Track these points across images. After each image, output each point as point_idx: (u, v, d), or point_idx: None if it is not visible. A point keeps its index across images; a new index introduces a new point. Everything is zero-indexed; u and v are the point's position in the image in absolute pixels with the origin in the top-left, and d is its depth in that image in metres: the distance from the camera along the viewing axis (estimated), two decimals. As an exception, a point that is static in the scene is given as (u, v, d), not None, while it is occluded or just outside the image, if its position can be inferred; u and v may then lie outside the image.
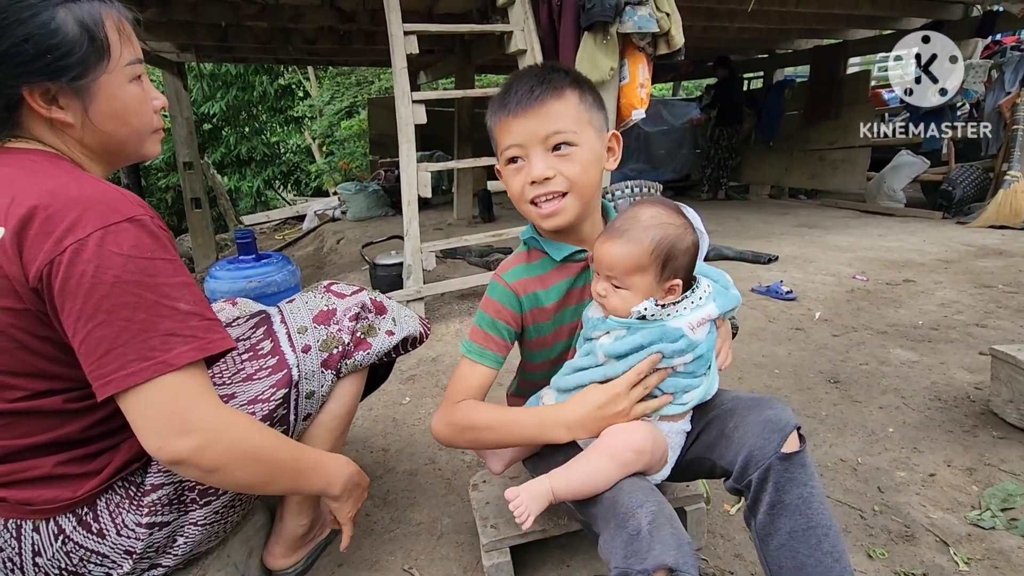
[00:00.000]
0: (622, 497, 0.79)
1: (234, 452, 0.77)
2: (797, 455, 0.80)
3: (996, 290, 2.62)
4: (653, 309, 0.85)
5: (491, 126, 0.93)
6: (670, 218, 0.86)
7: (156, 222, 0.76)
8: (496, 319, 0.96)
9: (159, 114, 0.89)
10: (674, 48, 2.79)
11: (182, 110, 4.85)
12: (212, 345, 0.76)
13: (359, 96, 10.87)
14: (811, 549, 0.78)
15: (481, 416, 0.93)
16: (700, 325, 0.86)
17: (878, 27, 5.42)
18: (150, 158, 0.90)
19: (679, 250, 0.85)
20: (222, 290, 2.00)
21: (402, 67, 2.51)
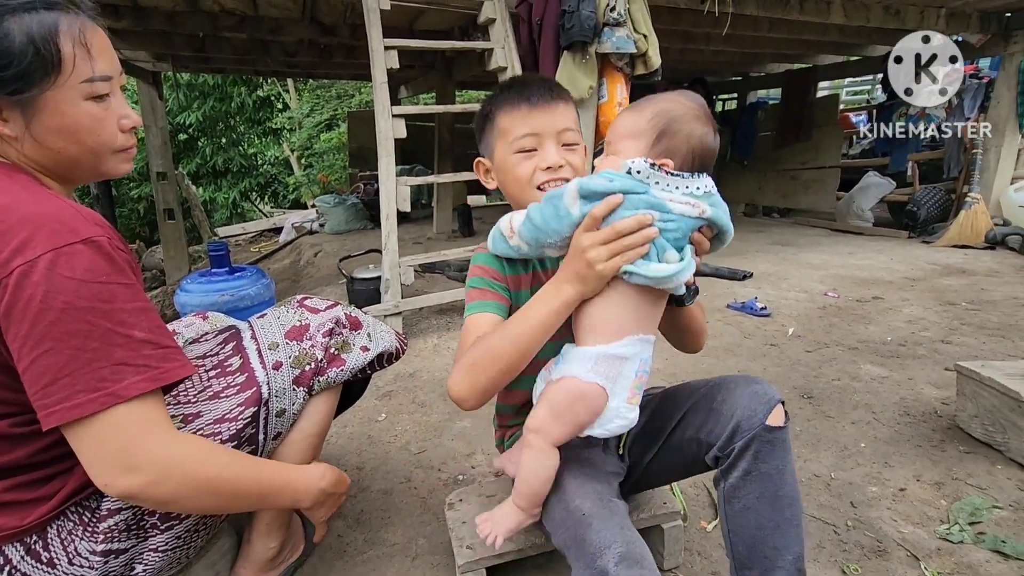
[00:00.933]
0: (591, 535, 0.78)
1: (187, 486, 0.74)
2: (781, 429, 0.85)
3: (960, 307, 2.70)
4: (641, 165, 0.80)
5: (499, 117, 0.97)
6: (687, 104, 0.85)
7: (114, 243, 0.73)
8: (484, 276, 0.96)
9: (129, 133, 0.84)
10: (651, 69, 2.85)
11: (157, 120, 4.76)
12: (167, 374, 0.73)
13: (339, 109, 10.84)
14: (773, 513, 0.85)
15: (486, 341, 0.85)
16: (682, 205, 0.81)
17: (845, 53, 5.63)
18: (115, 176, 0.87)
19: (677, 129, 0.83)
20: (193, 304, 1.95)
21: (382, 82, 2.51)
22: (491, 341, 0.84)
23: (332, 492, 0.97)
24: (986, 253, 3.90)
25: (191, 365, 0.78)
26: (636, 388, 0.84)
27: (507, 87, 1.00)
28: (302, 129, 11.28)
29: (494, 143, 0.99)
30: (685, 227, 0.82)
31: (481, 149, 1.04)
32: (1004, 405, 1.41)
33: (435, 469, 1.50)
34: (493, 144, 0.99)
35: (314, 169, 10.52)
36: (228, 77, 8.28)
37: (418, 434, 1.68)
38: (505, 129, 0.96)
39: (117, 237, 0.76)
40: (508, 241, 0.90)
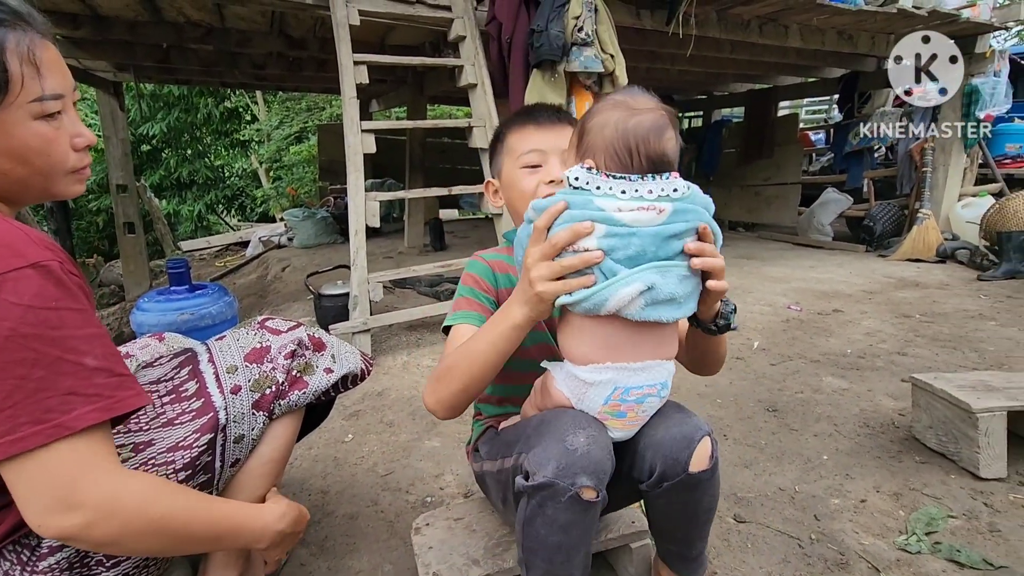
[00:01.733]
0: (564, 417, 0.81)
1: (132, 527, 0.70)
2: (706, 471, 0.84)
3: (914, 320, 2.81)
4: (577, 172, 0.77)
5: (508, 136, 1.04)
6: (609, 98, 0.82)
7: (66, 267, 0.70)
8: (475, 288, 0.99)
9: (83, 152, 0.81)
10: (619, 88, 2.91)
11: (117, 131, 4.62)
12: (119, 404, 0.69)
13: (309, 121, 10.73)
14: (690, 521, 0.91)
15: (451, 356, 0.87)
16: (632, 211, 0.74)
17: (803, 75, 5.86)
18: (66, 197, 0.83)
19: (592, 125, 0.79)
20: (151, 323, 1.88)
21: (351, 96, 2.50)
22: (454, 358, 0.87)
23: (290, 533, 0.93)
24: (937, 266, 4.08)
25: (146, 395, 0.75)
26: (610, 413, 0.82)
27: (518, 112, 1.07)
28: (271, 141, 11.12)
29: (503, 161, 1.05)
30: (649, 240, 0.74)
31: (492, 170, 1.10)
32: (956, 416, 1.46)
33: (403, 491, 1.47)
34: (502, 162, 1.05)
35: (283, 182, 10.35)
36: (194, 88, 8.12)
37: (386, 455, 1.65)
38: (512, 147, 1.02)
39: (68, 260, 0.73)
40: None
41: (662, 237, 0.74)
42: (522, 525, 0.81)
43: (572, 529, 0.79)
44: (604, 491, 0.79)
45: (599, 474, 0.77)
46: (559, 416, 0.82)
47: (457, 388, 0.85)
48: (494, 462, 0.98)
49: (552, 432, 0.80)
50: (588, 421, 0.81)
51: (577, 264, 0.74)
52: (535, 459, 0.78)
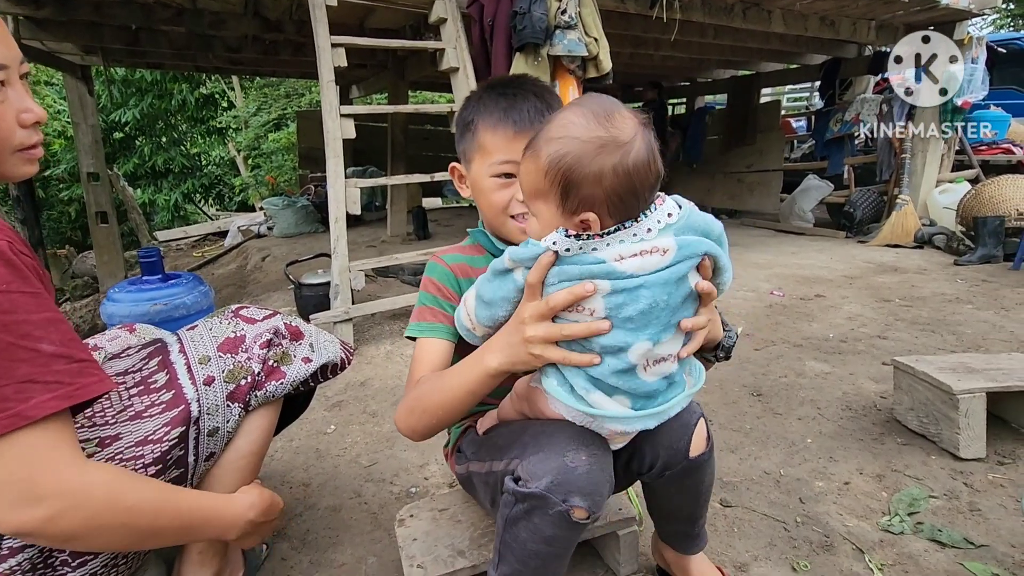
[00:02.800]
0: (568, 430, 0.76)
1: (98, 520, 0.67)
2: (703, 454, 0.86)
3: (894, 304, 2.85)
4: (564, 242, 0.67)
5: (480, 131, 0.90)
6: (585, 128, 0.67)
7: (16, 248, 0.66)
8: (438, 296, 0.92)
9: (33, 129, 0.76)
10: (603, 72, 2.87)
11: (86, 117, 4.46)
12: (81, 391, 0.66)
13: (288, 108, 10.50)
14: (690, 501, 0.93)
15: (423, 387, 0.84)
16: (635, 257, 0.66)
17: (786, 61, 5.88)
18: (16, 179, 0.78)
19: (584, 176, 0.66)
20: (122, 314, 1.82)
21: (329, 80, 2.43)
22: (425, 393, 0.83)
23: (261, 522, 0.90)
24: (915, 252, 4.14)
25: (110, 380, 0.71)
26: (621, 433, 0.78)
27: (496, 94, 0.90)
28: (248, 129, 10.86)
29: (472, 155, 0.93)
30: (659, 290, 0.66)
31: (458, 152, 0.97)
32: (937, 398, 1.48)
33: (387, 482, 1.44)
34: (471, 156, 0.93)
35: (262, 170, 10.14)
36: (168, 73, 7.87)
37: (369, 446, 1.62)
38: (485, 148, 0.90)
39: (20, 240, 0.68)
40: (472, 331, 0.83)
41: (672, 282, 0.67)
42: (505, 521, 0.78)
43: (555, 543, 0.76)
44: (598, 512, 0.75)
45: (595, 496, 0.74)
46: (561, 428, 0.77)
47: (430, 422, 0.83)
48: (482, 463, 0.92)
49: (552, 444, 0.76)
50: (592, 439, 0.76)
51: (582, 334, 0.68)
52: (531, 467, 0.75)
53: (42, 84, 8.51)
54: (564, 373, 0.74)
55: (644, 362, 0.70)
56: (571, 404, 0.73)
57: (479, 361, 0.77)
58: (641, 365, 0.70)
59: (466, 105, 0.95)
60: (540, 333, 0.70)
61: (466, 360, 0.80)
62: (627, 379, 0.71)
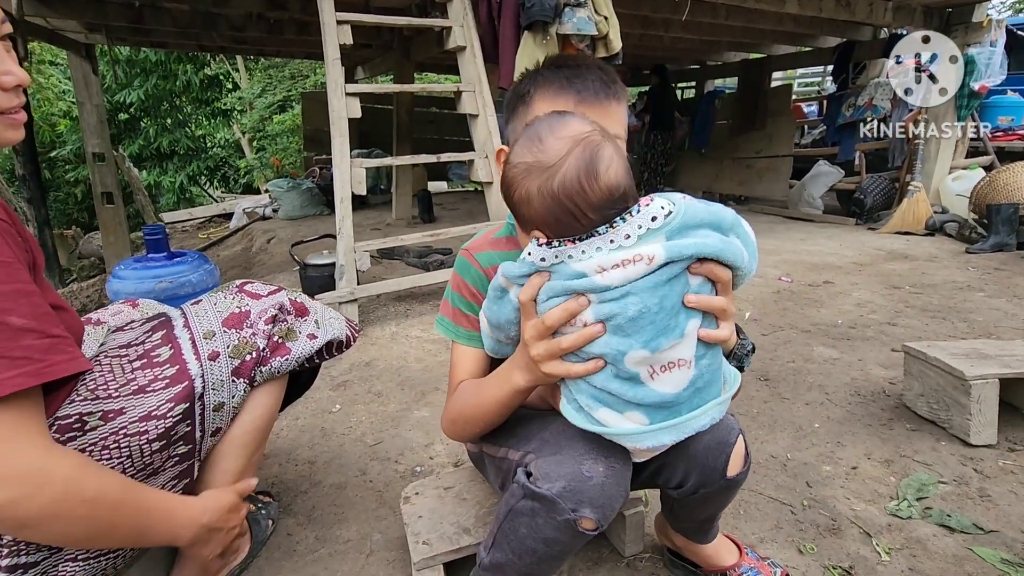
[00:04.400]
0: (589, 434, 0.73)
1: (59, 506, 0.64)
2: (740, 474, 0.83)
3: (904, 291, 2.81)
4: (539, 251, 0.66)
5: (537, 101, 0.83)
6: (519, 153, 0.68)
7: None
8: (472, 302, 0.89)
9: (14, 92, 0.74)
10: (612, 52, 2.82)
11: (91, 96, 4.43)
12: (51, 369, 0.63)
13: (293, 90, 10.42)
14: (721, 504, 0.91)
15: (464, 400, 0.85)
16: (617, 268, 0.64)
17: (799, 44, 5.77)
18: (2, 145, 0.76)
19: (516, 199, 0.68)
20: (127, 291, 1.81)
21: (335, 58, 2.40)
22: (465, 406, 0.85)
23: (216, 528, 0.87)
24: (926, 239, 4.09)
25: (84, 360, 0.68)
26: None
27: (555, 67, 0.85)
28: (253, 110, 10.80)
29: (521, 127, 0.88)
30: (648, 295, 0.63)
31: (507, 134, 0.90)
32: (948, 384, 1.46)
33: (392, 461, 1.44)
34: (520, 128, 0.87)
35: (267, 152, 10.10)
36: (172, 53, 7.82)
37: (374, 425, 1.62)
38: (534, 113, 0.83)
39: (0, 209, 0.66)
40: (489, 337, 0.81)
41: (662, 284, 0.64)
42: (508, 510, 0.77)
43: (554, 545, 0.74)
44: (605, 525, 0.74)
45: (606, 510, 0.72)
46: (583, 433, 0.73)
47: (474, 431, 0.87)
48: (496, 447, 0.91)
49: (572, 448, 0.74)
50: (613, 449, 0.74)
51: (579, 343, 0.67)
52: (544, 469, 0.73)
53: (46, 64, 8.47)
54: (570, 389, 0.72)
55: (649, 369, 0.66)
56: (579, 423, 0.72)
57: (508, 378, 0.78)
58: (646, 372, 0.66)
59: (521, 81, 0.89)
60: (542, 352, 0.70)
61: (498, 375, 0.80)
62: (633, 389, 0.67)
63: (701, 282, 0.67)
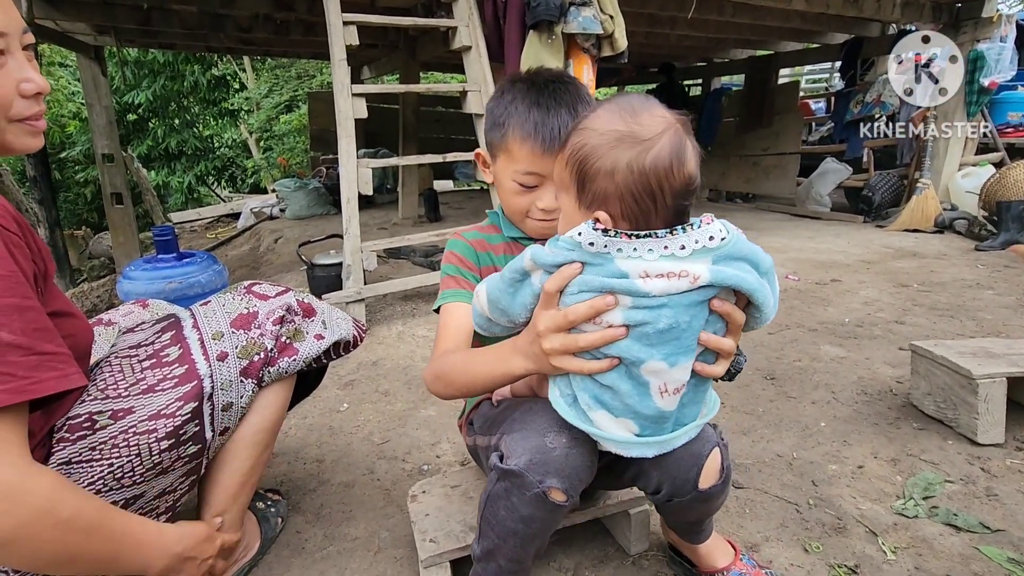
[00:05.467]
0: (553, 411, 0.74)
1: (28, 529, 0.62)
2: (715, 487, 0.82)
3: (912, 289, 2.80)
4: (591, 235, 0.64)
5: (510, 136, 0.90)
6: (606, 119, 0.67)
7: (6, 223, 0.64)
8: (460, 266, 0.97)
9: (35, 100, 0.75)
10: (618, 51, 2.82)
11: (100, 98, 4.48)
12: (34, 387, 0.62)
13: (299, 90, 10.47)
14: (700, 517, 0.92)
15: (452, 360, 0.86)
16: (661, 278, 0.63)
17: (806, 40, 5.73)
18: (19, 152, 0.77)
19: (596, 168, 0.65)
20: (137, 292, 1.84)
21: (341, 58, 2.41)
22: (452, 369, 0.85)
23: (190, 557, 0.86)
24: (935, 237, 4.06)
25: (77, 377, 0.67)
26: None
27: (530, 102, 0.88)
28: (260, 110, 10.86)
29: (498, 153, 0.94)
30: (682, 311, 0.64)
31: (485, 140, 0.98)
32: (955, 383, 1.45)
33: (399, 459, 1.46)
34: (497, 152, 0.94)
35: (273, 152, 10.16)
36: (180, 54, 7.87)
37: (381, 424, 1.64)
38: (513, 154, 0.91)
39: (10, 219, 0.66)
40: (481, 315, 0.79)
41: (696, 304, 0.64)
42: (487, 497, 0.80)
43: (532, 523, 0.76)
44: (576, 497, 0.75)
45: (572, 480, 0.74)
46: (547, 409, 0.76)
47: (453, 394, 0.87)
48: (485, 437, 0.96)
49: (535, 424, 0.77)
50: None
51: (597, 343, 0.66)
52: (511, 444, 0.76)
53: (56, 66, 8.56)
54: (572, 384, 0.72)
55: (662, 385, 0.67)
56: (570, 419, 0.72)
57: (505, 360, 0.77)
58: (657, 388, 0.67)
59: (499, 100, 0.93)
60: (557, 346, 0.68)
61: (494, 352, 0.79)
62: (639, 398, 0.68)
63: (716, 316, 0.67)
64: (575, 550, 1.11)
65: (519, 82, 0.93)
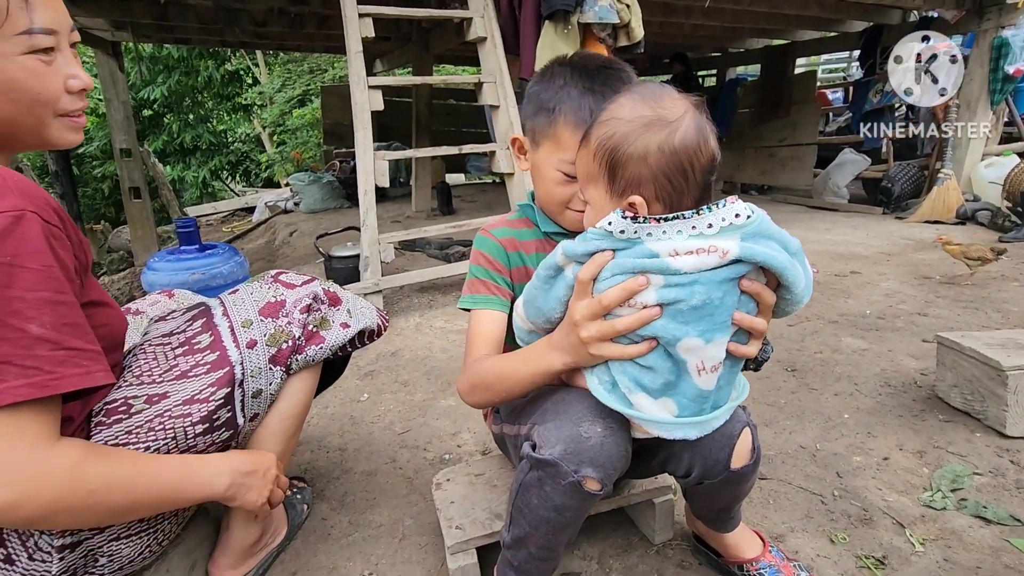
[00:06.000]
0: (587, 401, 0.75)
1: (59, 504, 0.66)
2: (746, 467, 0.82)
3: (934, 281, 2.75)
4: (620, 223, 0.66)
5: (561, 124, 0.85)
6: (631, 107, 0.69)
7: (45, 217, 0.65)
8: (489, 269, 0.94)
9: (79, 96, 0.77)
10: (634, 40, 2.79)
11: (118, 93, 4.52)
12: (59, 382, 0.63)
13: (312, 84, 10.51)
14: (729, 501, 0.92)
15: (487, 367, 0.85)
16: (691, 255, 0.64)
17: (824, 28, 5.63)
18: (61, 146, 0.78)
19: (628, 154, 0.67)
20: (161, 283, 1.86)
21: (357, 51, 2.41)
22: (488, 376, 0.85)
23: (250, 471, 0.88)
24: (957, 228, 3.98)
25: (103, 375, 0.68)
26: None
27: (584, 88, 0.84)
28: (273, 105, 10.93)
29: (543, 140, 0.89)
30: (714, 287, 0.65)
31: (524, 125, 0.94)
32: (984, 374, 1.43)
33: (420, 448, 1.47)
34: (541, 140, 0.89)
35: (287, 146, 10.23)
36: (194, 50, 7.93)
37: (402, 414, 1.65)
38: (561, 142, 0.85)
39: (52, 212, 0.67)
40: (523, 328, 0.83)
41: (728, 280, 0.66)
42: (518, 485, 0.79)
43: (565, 512, 0.76)
44: (610, 486, 0.75)
45: (607, 469, 0.73)
46: (581, 398, 0.76)
47: (492, 400, 0.88)
48: (512, 426, 0.94)
49: (569, 413, 0.76)
50: (610, 411, 0.74)
51: (633, 326, 0.67)
52: (544, 434, 0.76)
53: (74, 62, 8.65)
54: (611, 369, 0.73)
55: (699, 363, 0.68)
56: (611, 404, 0.73)
57: (543, 357, 0.77)
58: (695, 366, 0.68)
59: (547, 85, 0.88)
60: (594, 333, 0.69)
61: (531, 352, 0.80)
62: (677, 374, 0.69)
63: (747, 296, 0.68)
64: (599, 539, 1.11)
65: (568, 66, 0.88)
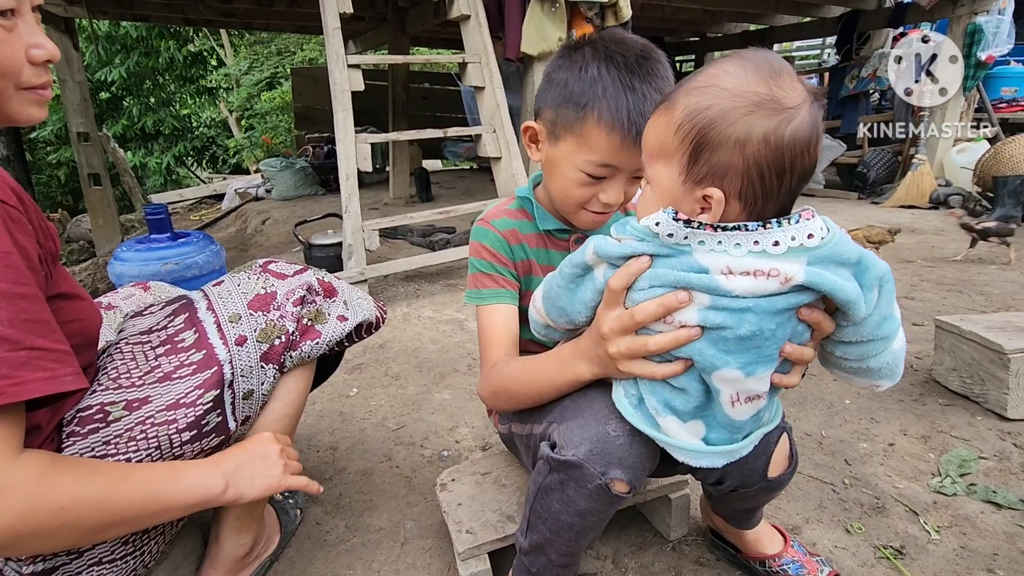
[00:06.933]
0: (609, 396, 0.70)
1: (24, 526, 0.56)
2: (783, 475, 0.79)
3: (916, 264, 2.79)
4: (671, 225, 0.56)
5: (589, 121, 0.76)
6: (743, 80, 0.55)
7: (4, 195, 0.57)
8: (494, 262, 0.88)
9: (43, 68, 0.68)
10: (622, 20, 2.73)
11: (73, 73, 4.24)
12: (19, 388, 0.54)
13: (281, 66, 10.15)
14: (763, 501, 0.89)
15: (510, 373, 0.80)
16: (747, 276, 0.55)
17: (802, 13, 5.65)
18: (24, 122, 0.69)
19: (724, 136, 0.55)
20: (131, 274, 1.73)
21: (335, 27, 2.29)
22: (513, 381, 0.80)
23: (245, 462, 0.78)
24: (931, 213, 4.06)
25: (73, 378, 0.59)
26: None
27: (621, 84, 0.74)
28: (240, 88, 10.51)
29: (565, 135, 0.79)
30: (767, 318, 0.55)
31: (542, 110, 0.83)
32: (984, 358, 1.43)
33: (417, 445, 1.40)
34: (563, 134, 0.80)
35: (256, 131, 9.86)
36: (154, 28, 7.53)
37: (395, 409, 1.57)
38: (591, 142, 0.77)
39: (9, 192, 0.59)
40: (540, 322, 0.76)
41: (782, 310, 0.56)
42: (537, 489, 0.73)
43: (590, 516, 0.70)
44: (639, 487, 0.70)
45: (636, 470, 0.68)
46: (605, 394, 0.71)
47: (517, 406, 0.84)
48: (523, 425, 0.88)
49: (594, 410, 0.70)
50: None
51: (668, 346, 0.59)
52: (568, 434, 0.69)
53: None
54: (639, 386, 0.66)
55: (734, 395, 0.60)
56: (636, 423, 0.66)
57: (570, 367, 0.72)
58: (728, 397, 0.61)
59: (578, 75, 0.77)
60: (623, 350, 0.63)
61: (557, 360, 0.74)
62: (708, 401, 0.63)
63: (803, 328, 0.59)
64: (612, 536, 1.07)
65: (603, 54, 0.77)
